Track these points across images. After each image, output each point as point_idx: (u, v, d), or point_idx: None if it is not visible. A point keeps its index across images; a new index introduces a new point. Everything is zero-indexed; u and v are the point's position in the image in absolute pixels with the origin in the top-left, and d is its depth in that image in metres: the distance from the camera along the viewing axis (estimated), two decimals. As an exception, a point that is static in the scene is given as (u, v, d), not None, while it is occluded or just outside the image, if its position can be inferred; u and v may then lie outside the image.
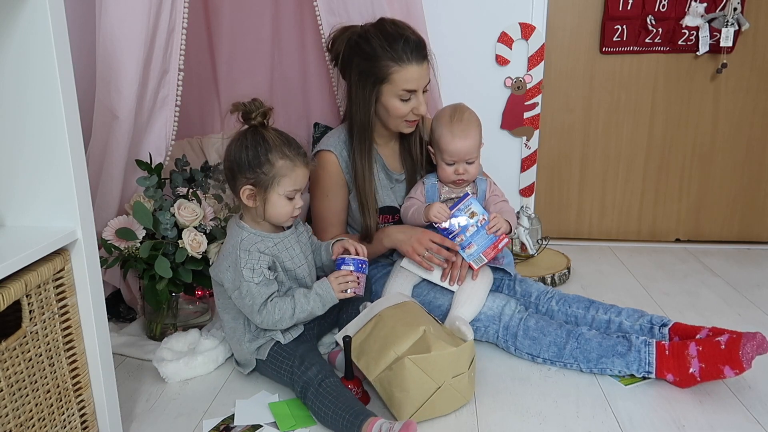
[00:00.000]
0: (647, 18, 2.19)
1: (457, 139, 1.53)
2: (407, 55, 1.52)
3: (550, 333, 1.45)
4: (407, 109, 1.57)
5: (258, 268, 1.31)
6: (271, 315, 1.31)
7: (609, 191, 2.44)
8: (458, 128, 1.53)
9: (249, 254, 1.31)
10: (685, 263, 2.23)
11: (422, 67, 1.54)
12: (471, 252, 1.51)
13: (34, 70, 0.97)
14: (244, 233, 1.34)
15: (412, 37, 1.54)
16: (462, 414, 1.29)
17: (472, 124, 1.55)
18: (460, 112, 1.57)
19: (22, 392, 0.96)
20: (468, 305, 1.50)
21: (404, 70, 1.52)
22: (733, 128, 2.33)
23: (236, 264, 1.31)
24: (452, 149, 1.53)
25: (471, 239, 1.51)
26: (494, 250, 1.51)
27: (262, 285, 1.31)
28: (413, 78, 1.53)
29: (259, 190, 1.31)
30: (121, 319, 1.73)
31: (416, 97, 1.56)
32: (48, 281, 0.99)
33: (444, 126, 1.55)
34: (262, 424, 1.27)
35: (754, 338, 1.28)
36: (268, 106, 1.34)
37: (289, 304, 1.33)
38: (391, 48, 1.52)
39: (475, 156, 1.56)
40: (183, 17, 1.59)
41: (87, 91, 1.54)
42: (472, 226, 1.51)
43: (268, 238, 1.35)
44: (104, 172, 1.57)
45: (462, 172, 1.56)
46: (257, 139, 1.31)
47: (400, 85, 1.53)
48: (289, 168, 1.31)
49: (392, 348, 1.27)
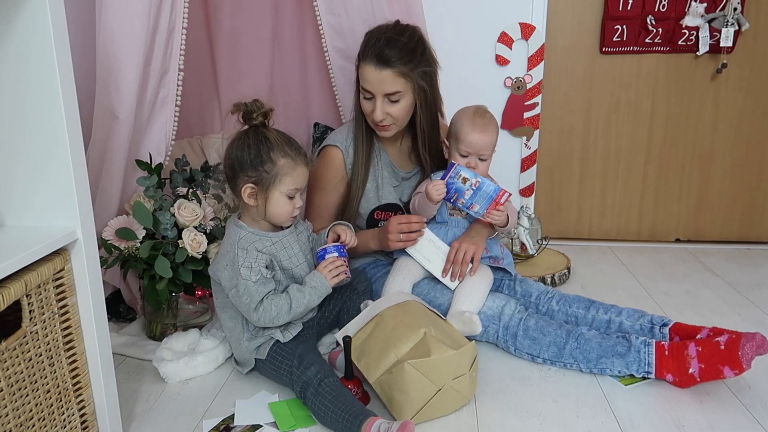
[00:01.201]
0: (647, 18, 2.19)
1: (477, 132, 1.55)
2: (368, 53, 1.52)
3: (550, 333, 1.46)
4: (369, 109, 1.58)
5: (255, 266, 1.31)
6: (268, 312, 1.31)
7: (609, 191, 2.44)
8: (480, 122, 1.56)
9: (247, 252, 1.32)
10: (685, 263, 2.23)
11: (379, 72, 1.50)
12: (475, 211, 1.56)
13: (34, 70, 0.97)
14: (242, 232, 1.35)
15: (386, 36, 1.51)
16: (462, 414, 1.29)
17: (493, 124, 1.59)
18: (483, 111, 1.59)
19: (22, 392, 0.96)
20: (469, 303, 1.50)
21: (363, 66, 1.54)
22: (733, 128, 2.33)
23: (234, 262, 1.32)
24: (470, 140, 1.55)
25: (471, 201, 1.55)
26: (496, 205, 1.55)
27: (259, 283, 1.31)
28: (368, 79, 1.53)
29: (261, 189, 1.32)
30: (121, 319, 1.73)
31: (374, 101, 1.55)
32: (48, 281, 0.99)
33: (467, 118, 1.57)
34: (262, 424, 1.27)
35: (753, 338, 1.28)
36: (268, 107, 1.34)
37: (284, 300, 1.33)
38: (366, 41, 1.55)
39: (489, 154, 1.59)
40: (183, 17, 1.59)
41: (87, 91, 1.54)
42: (468, 190, 1.54)
43: (266, 237, 1.36)
44: (104, 172, 1.57)
45: (473, 166, 1.57)
46: (259, 138, 1.32)
47: (360, 80, 1.56)
48: (290, 167, 1.32)
49: (392, 350, 1.27)
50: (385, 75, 1.50)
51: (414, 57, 1.53)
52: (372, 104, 1.56)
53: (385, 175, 1.70)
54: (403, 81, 1.52)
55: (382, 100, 1.54)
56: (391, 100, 1.54)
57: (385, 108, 1.55)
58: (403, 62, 1.50)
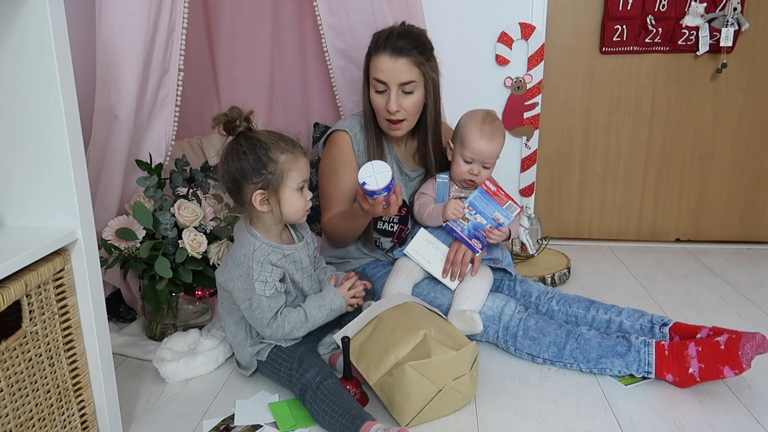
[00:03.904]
0: (647, 18, 2.19)
1: (485, 140, 1.54)
2: (382, 44, 1.53)
3: (550, 333, 1.46)
4: (381, 104, 1.57)
5: (270, 281, 1.30)
6: (282, 328, 1.32)
7: (609, 191, 2.44)
8: (488, 130, 1.55)
9: (261, 266, 1.30)
10: (685, 263, 2.23)
11: (396, 61, 1.52)
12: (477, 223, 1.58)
13: (34, 70, 0.97)
14: (257, 242, 1.32)
15: (397, 31, 1.55)
16: (462, 414, 1.29)
17: (501, 133, 1.58)
18: (492, 117, 1.58)
19: (22, 392, 0.96)
20: (469, 303, 1.50)
21: (377, 58, 1.54)
22: (733, 128, 2.33)
23: (248, 275, 1.30)
24: (476, 147, 1.54)
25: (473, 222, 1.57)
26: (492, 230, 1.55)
27: (272, 298, 1.30)
28: (383, 69, 1.53)
29: (271, 192, 1.29)
30: (121, 319, 1.73)
31: (388, 93, 1.56)
32: (48, 281, 0.99)
33: (474, 124, 1.56)
34: (262, 424, 1.27)
35: (753, 338, 1.28)
36: (248, 110, 1.31)
37: (298, 315, 1.33)
38: (377, 35, 1.56)
39: (492, 163, 1.58)
40: (183, 17, 1.59)
41: (87, 91, 1.54)
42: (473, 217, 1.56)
43: (279, 249, 1.34)
44: (104, 172, 1.57)
45: (476, 173, 1.57)
46: (252, 142, 1.29)
47: (373, 73, 1.56)
48: (292, 160, 1.30)
49: (392, 352, 1.26)
50: (400, 63, 1.52)
51: (426, 50, 1.57)
52: (385, 98, 1.56)
53: (394, 168, 1.69)
54: (417, 71, 1.55)
55: (397, 90, 1.54)
56: (405, 91, 1.55)
57: (399, 100, 1.55)
58: (417, 51, 1.54)
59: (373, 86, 1.58)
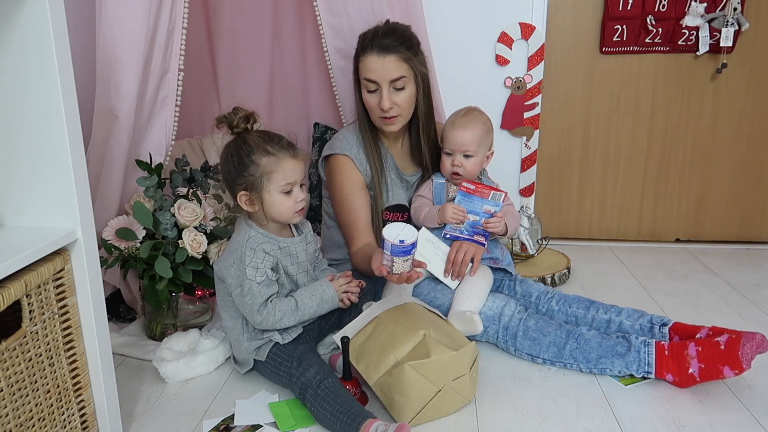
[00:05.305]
0: (647, 18, 2.19)
1: (457, 129, 1.56)
2: (369, 43, 1.54)
3: (550, 333, 1.45)
4: (374, 103, 1.58)
5: (262, 267, 1.31)
6: (272, 315, 1.32)
7: (609, 191, 2.44)
8: (460, 120, 1.57)
9: (254, 253, 1.32)
10: (685, 263, 2.23)
11: (384, 59, 1.53)
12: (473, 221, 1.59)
13: (34, 70, 0.97)
14: (252, 231, 1.35)
15: (382, 30, 1.55)
16: (462, 414, 1.29)
17: (476, 120, 1.58)
18: (469, 109, 1.61)
19: (22, 392, 0.96)
20: (469, 303, 1.50)
21: (365, 58, 1.55)
22: (733, 128, 2.33)
23: (241, 261, 1.32)
24: (450, 137, 1.57)
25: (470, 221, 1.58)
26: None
27: (263, 285, 1.32)
28: (372, 68, 1.54)
29: (254, 193, 1.32)
30: (121, 319, 1.73)
31: (380, 92, 1.56)
32: (48, 281, 0.99)
33: (450, 118, 1.60)
34: (262, 424, 1.27)
35: (753, 338, 1.28)
36: (248, 111, 1.33)
37: (289, 303, 1.34)
38: (363, 36, 1.57)
39: (473, 150, 1.57)
40: (183, 17, 1.59)
41: (87, 91, 1.54)
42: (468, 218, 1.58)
43: (274, 240, 1.36)
44: (104, 172, 1.57)
45: (457, 164, 1.57)
46: (239, 144, 1.32)
47: (363, 73, 1.57)
48: (274, 163, 1.31)
49: (392, 352, 1.26)
50: (388, 61, 1.53)
51: (412, 45, 1.58)
52: (377, 96, 1.57)
53: (393, 176, 1.71)
54: (406, 66, 1.56)
55: (388, 88, 1.55)
56: (396, 87, 1.56)
57: (392, 97, 1.56)
58: (404, 47, 1.55)
59: (365, 86, 1.59)
